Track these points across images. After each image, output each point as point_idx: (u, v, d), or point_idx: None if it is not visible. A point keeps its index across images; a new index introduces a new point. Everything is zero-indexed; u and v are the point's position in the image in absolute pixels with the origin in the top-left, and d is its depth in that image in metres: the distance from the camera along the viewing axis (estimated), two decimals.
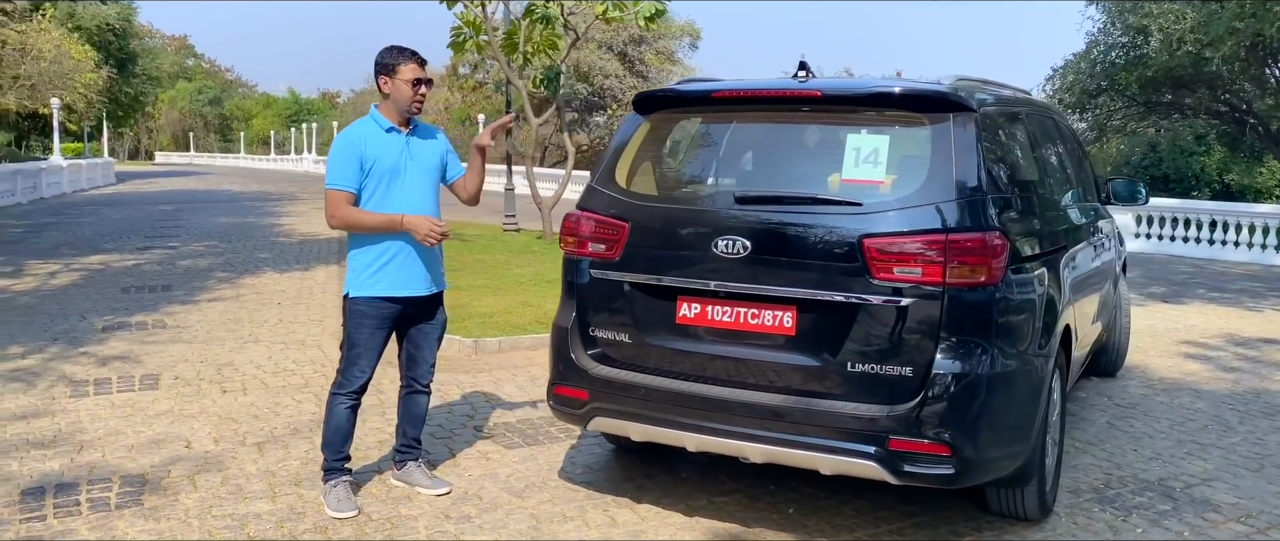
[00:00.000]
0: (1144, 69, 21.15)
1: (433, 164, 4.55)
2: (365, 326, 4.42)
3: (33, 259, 13.27)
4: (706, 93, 4.42)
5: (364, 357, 4.44)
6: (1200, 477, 5.12)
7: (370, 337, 4.43)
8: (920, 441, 3.71)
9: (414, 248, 4.43)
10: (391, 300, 4.44)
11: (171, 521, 4.35)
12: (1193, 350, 8.39)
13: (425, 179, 4.49)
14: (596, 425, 4.36)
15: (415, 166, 4.46)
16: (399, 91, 4.38)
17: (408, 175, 4.43)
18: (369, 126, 4.44)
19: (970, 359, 3.74)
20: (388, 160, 4.37)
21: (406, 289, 4.46)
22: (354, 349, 4.45)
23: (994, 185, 3.96)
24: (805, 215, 3.92)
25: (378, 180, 4.37)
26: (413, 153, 4.47)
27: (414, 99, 4.39)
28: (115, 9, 43.23)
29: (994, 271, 3.75)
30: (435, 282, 4.60)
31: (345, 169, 4.33)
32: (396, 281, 4.42)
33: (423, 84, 4.40)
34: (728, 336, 4.07)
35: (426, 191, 4.49)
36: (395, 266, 4.41)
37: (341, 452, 4.52)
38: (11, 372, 6.88)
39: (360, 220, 4.35)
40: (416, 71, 4.38)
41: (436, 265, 4.60)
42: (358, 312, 4.43)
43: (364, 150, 4.35)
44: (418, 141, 4.52)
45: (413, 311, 4.58)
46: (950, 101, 3.96)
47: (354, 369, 4.45)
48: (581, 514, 4.52)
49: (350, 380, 4.45)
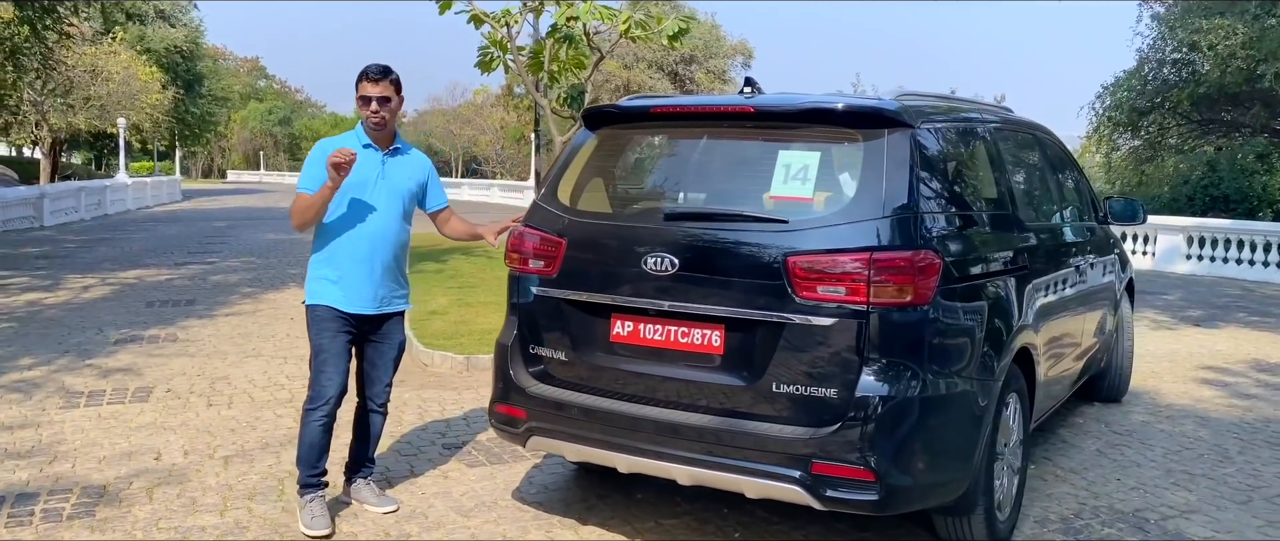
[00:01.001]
0: (1196, 86, 20.52)
1: (407, 187, 4.56)
2: (326, 330, 4.42)
3: (73, 273, 13.65)
4: (646, 109, 4.37)
5: (331, 364, 4.42)
6: (1180, 509, 4.90)
7: (333, 342, 4.42)
8: (843, 466, 3.59)
9: (365, 265, 4.44)
10: (341, 313, 4.45)
11: (117, 534, 4.39)
12: (1211, 376, 8.07)
13: (394, 199, 4.50)
14: (534, 445, 4.31)
15: (385, 186, 4.47)
16: (357, 108, 4.46)
17: (375, 193, 4.44)
18: (348, 140, 4.48)
19: (898, 381, 3.62)
20: (357, 174, 4.35)
21: (353, 305, 4.46)
22: (320, 355, 4.44)
23: (929, 203, 3.84)
24: (732, 233, 3.85)
25: (342, 192, 4.36)
26: (386, 173, 4.48)
27: (368, 116, 4.41)
28: (183, 32, 44.57)
29: (922, 291, 3.63)
30: (386, 303, 4.57)
31: (313, 173, 4.35)
32: (345, 296, 4.45)
33: (373, 102, 4.40)
34: (659, 355, 4.00)
35: (392, 211, 4.49)
36: (345, 283, 4.44)
37: (316, 468, 4.49)
38: (14, 383, 7.05)
39: (308, 204, 4.33)
40: (365, 88, 4.40)
41: (390, 285, 4.57)
42: (317, 318, 4.45)
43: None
44: (394, 163, 4.53)
45: (367, 328, 4.57)
46: (885, 118, 3.85)
47: (322, 377, 4.42)
48: (523, 534, 4.47)
49: (321, 390, 4.42)
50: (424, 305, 10.28)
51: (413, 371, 7.72)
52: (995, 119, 5.04)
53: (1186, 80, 21.24)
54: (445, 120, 68.24)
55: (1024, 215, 4.82)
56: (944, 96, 4.71)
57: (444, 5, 12.77)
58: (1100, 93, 24.01)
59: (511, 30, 13.71)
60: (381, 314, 4.59)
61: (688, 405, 3.92)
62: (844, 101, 3.98)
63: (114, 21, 38.07)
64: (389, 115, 4.46)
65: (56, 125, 36.66)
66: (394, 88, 4.46)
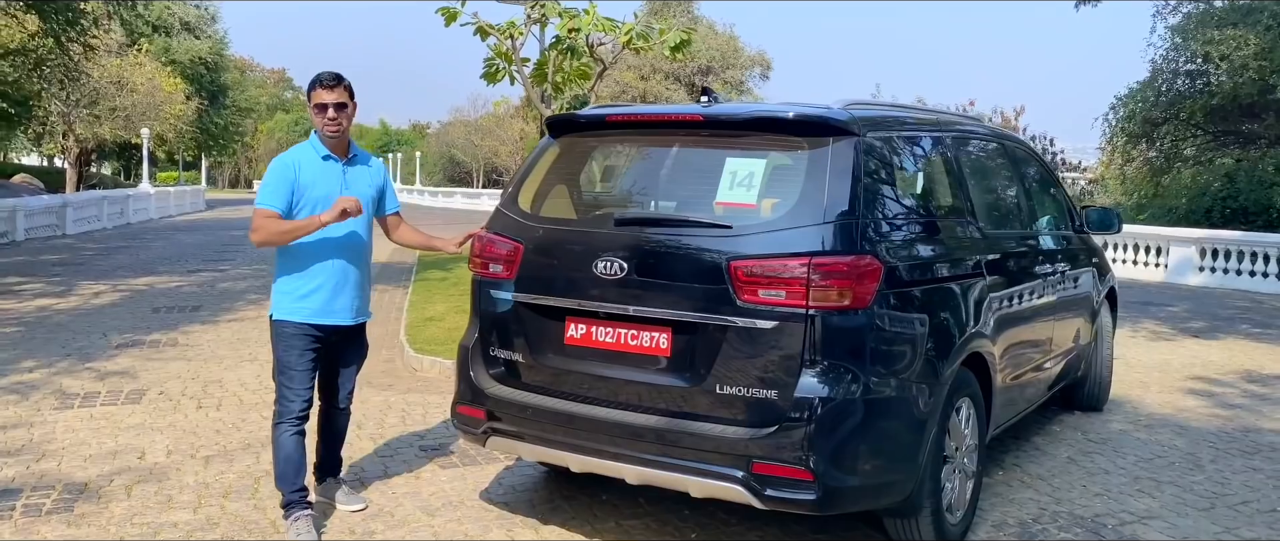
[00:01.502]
0: (1209, 97, 20.39)
1: (369, 195, 4.56)
2: (293, 348, 4.41)
3: (87, 280, 13.91)
4: (602, 117, 4.47)
5: (297, 379, 4.43)
6: (1139, 515, 4.93)
7: (299, 359, 4.42)
8: (782, 466, 3.67)
9: (337, 278, 4.45)
10: (314, 327, 4.44)
11: (92, 528, 4.53)
12: (1199, 386, 8.06)
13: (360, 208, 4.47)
14: (493, 444, 4.42)
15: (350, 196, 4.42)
16: (312, 118, 4.44)
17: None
18: (306, 152, 4.46)
19: (837, 384, 3.70)
20: (320, 188, 4.36)
21: (330, 317, 4.47)
22: (286, 372, 4.44)
23: (873, 209, 3.91)
24: (678, 237, 3.95)
25: (308, 208, 4.35)
26: (349, 182, 4.48)
27: (325, 124, 4.38)
28: (208, 43, 45.22)
29: (862, 295, 3.71)
30: (360, 313, 4.61)
31: (275, 189, 4.32)
32: (320, 309, 4.43)
33: (329, 109, 4.36)
34: (611, 357, 4.09)
35: (360, 223, 4.49)
36: (321, 295, 4.42)
37: (297, 484, 4.46)
38: (13, 385, 7.24)
39: (280, 229, 4.29)
40: (320, 95, 4.36)
41: (364, 295, 4.62)
42: (284, 335, 4.43)
43: (297, 176, 4.35)
44: (355, 172, 4.53)
45: (337, 340, 4.59)
46: (831, 126, 3.94)
47: (289, 393, 4.43)
48: (483, 532, 4.57)
49: (288, 406, 4.42)
50: (422, 311, 10.43)
51: (402, 375, 7.85)
52: (957, 129, 5.10)
53: (1200, 91, 21.12)
54: (467, 131, 68.80)
55: (983, 223, 4.87)
56: (900, 105, 4.80)
57: (449, 18, 12.96)
58: (1114, 103, 23.94)
59: (516, 42, 13.90)
60: (356, 324, 4.63)
61: (637, 406, 4.02)
62: (794, 110, 4.07)
63: (139, 33, 38.66)
64: (346, 122, 4.43)
65: (83, 135, 37.29)
66: (348, 94, 4.43)
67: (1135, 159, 25.20)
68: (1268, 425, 6.82)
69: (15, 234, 20.96)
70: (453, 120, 74.44)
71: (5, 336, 9.23)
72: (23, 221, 21.49)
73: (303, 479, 4.48)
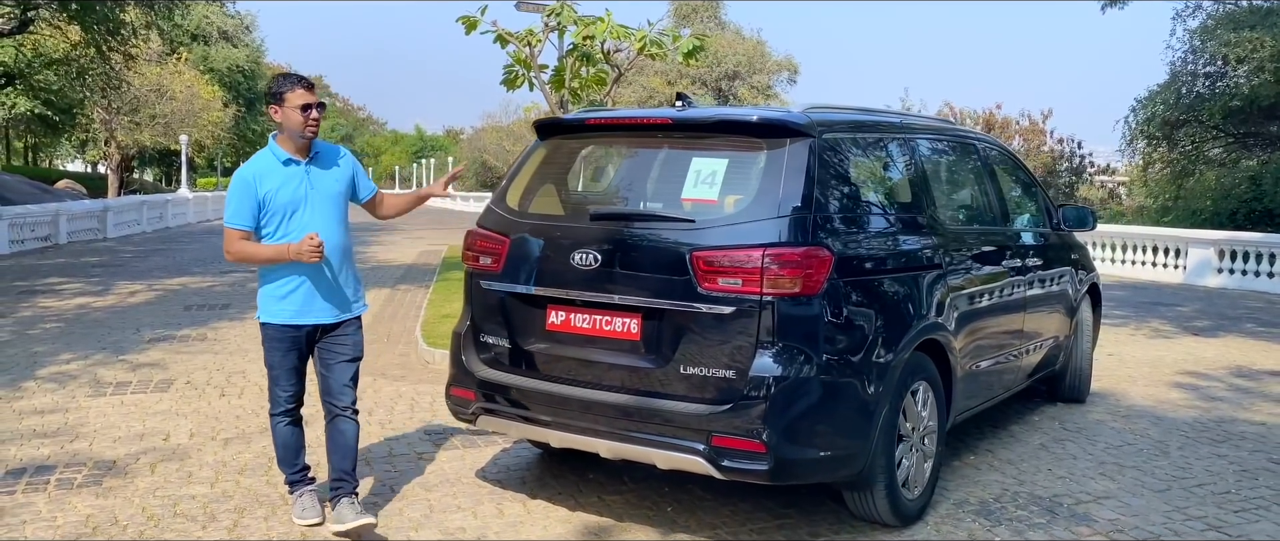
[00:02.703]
0: (1228, 99, 20.43)
1: (337, 190, 4.55)
2: (276, 349, 4.55)
3: (124, 280, 14.49)
4: (582, 120, 4.84)
5: (283, 378, 4.59)
6: (1096, 496, 5.20)
7: (283, 359, 4.55)
8: (738, 438, 4.01)
9: (315, 276, 4.47)
10: (294, 327, 4.52)
11: (118, 499, 4.95)
12: (1186, 380, 8.27)
13: (329, 206, 4.49)
14: (482, 423, 4.79)
15: (317, 196, 4.45)
16: (289, 118, 4.37)
17: (310, 207, 4.43)
18: (266, 161, 4.44)
19: (789, 364, 4.02)
20: (286, 194, 4.38)
21: (308, 317, 4.51)
22: (272, 371, 4.60)
23: (826, 204, 4.24)
24: (647, 231, 4.29)
25: (277, 215, 4.39)
26: (314, 182, 4.46)
27: (306, 124, 4.37)
28: (245, 51, 46.19)
29: (812, 283, 4.03)
30: (342, 309, 4.60)
31: (239, 208, 4.38)
32: (299, 310, 4.49)
33: (313, 109, 4.37)
34: (587, 341, 4.44)
35: (331, 219, 4.48)
36: (299, 295, 4.47)
37: (296, 465, 4.68)
38: (53, 374, 7.73)
39: (252, 253, 4.42)
40: (305, 97, 4.36)
41: (347, 291, 4.60)
42: (268, 337, 4.57)
43: (258, 187, 4.36)
44: (319, 170, 4.50)
45: (321, 336, 4.60)
46: (788, 128, 4.28)
47: (276, 389, 4.62)
48: (474, 505, 4.93)
49: (277, 400, 4.63)
50: (440, 309, 10.84)
51: (414, 368, 8.26)
52: (921, 131, 5.41)
53: (1219, 93, 21.15)
54: (499, 136, 69.43)
55: (943, 218, 5.18)
56: (863, 109, 5.10)
57: (469, 26, 13.39)
58: (1134, 106, 23.98)
59: (534, 49, 14.32)
60: (339, 321, 4.61)
61: (610, 386, 4.37)
62: (757, 114, 4.42)
63: (178, 42, 39.64)
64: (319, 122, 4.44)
65: (124, 142, 38.32)
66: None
67: (1156, 161, 25.23)
68: (1244, 416, 7.04)
69: (58, 237, 21.69)
70: (485, 125, 75.25)
71: (47, 331, 9.76)
72: (65, 225, 22.22)
73: (301, 458, 4.70)
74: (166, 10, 24.25)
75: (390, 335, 9.97)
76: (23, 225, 20.31)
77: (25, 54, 27.65)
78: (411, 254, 20.60)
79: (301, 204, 4.42)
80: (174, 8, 24.79)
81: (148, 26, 25.29)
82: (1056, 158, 35.27)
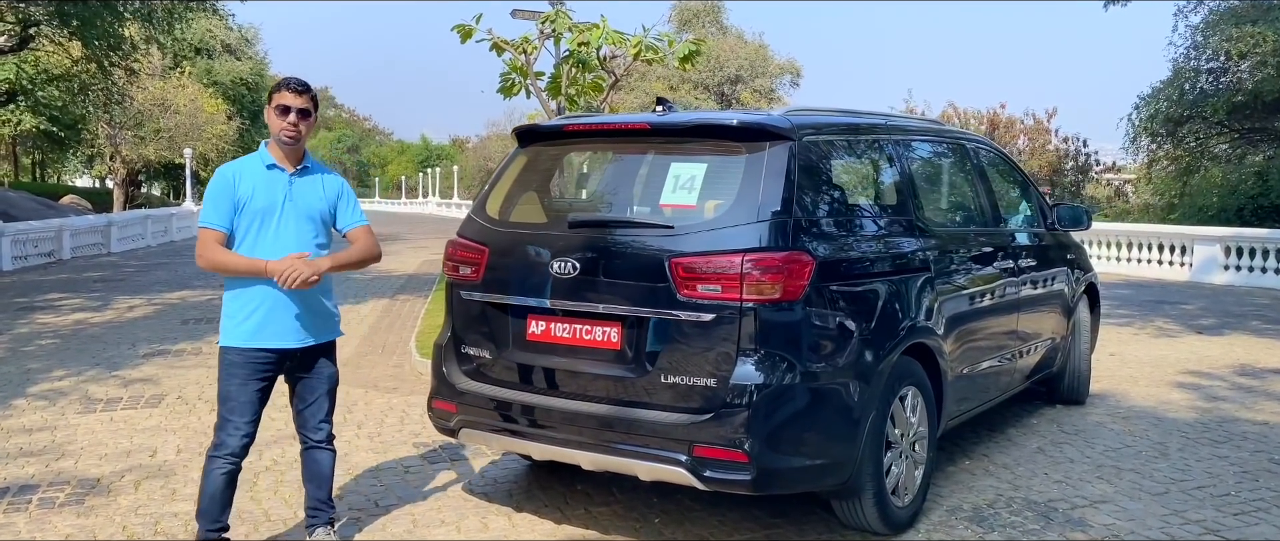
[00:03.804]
0: (1232, 95, 20.29)
1: (317, 208, 4.23)
2: (236, 376, 4.12)
3: (125, 295, 14.47)
4: (561, 127, 4.77)
5: (238, 412, 4.12)
6: (1092, 500, 5.11)
7: (241, 389, 4.12)
8: (720, 448, 3.93)
9: (287, 296, 4.12)
10: (259, 351, 4.13)
11: (100, 518, 4.89)
12: (1189, 380, 8.16)
13: (304, 223, 4.17)
14: (464, 436, 4.72)
15: (293, 209, 4.15)
16: (270, 119, 4.13)
17: (284, 217, 4.13)
18: (250, 162, 4.20)
19: (771, 371, 3.94)
20: (261, 199, 4.10)
21: (278, 340, 4.14)
22: (226, 403, 4.14)
23: (806, 208, 4.16)
24: (625, 238, 4.22)
25: (249, 220, 4.10)
26: (294, 194, 4.17)
27: (283, 128, 4.08)
28: (249, 64, 46.32)
29: (792, 288, 3.96)
30: (315, 334, 4.25)
31: (215, 207, 4.09)
32: (268, 332, 4.12)
33: (292, 113, 4.08)
34: (567, 351, 4.37)
35: (306, 237, 4.16)
36: (267, 315, 4.11)
37: (218, 523, 4.19)
38: (44, 392, 7.68)
39: (225, 262, 4.08)
40: (286, 98, 4.08)
41: (318, 315, 4.26)
42: (228, 362, 4.14)
43: (237, 187, 4.09)
44: (303, 183, 4.21)
45: (293, 364, 4.28)
46: (768, 131, 4.20)
47: (228, 426, 4.13)
48: (459, 519, 4.86)
49: (226, 440, 4.13)
50: (435, 319, 10.74)
51: (407, 379, 8.20)
52: (907, 132, 5.32)
53: (1223, 89, 21.01)
54: (504, 145, 69.63)
55: (930, 220, 5.09)
56: (846, 110, 5.02)
57: (465, 35, 13.35)
58: (1137, 103, 23.86)
59: (530, 56, 14.28)
60: (308, 347, 4.26)
61: (591, 396, 4.29)
62: (736, 117, 4.35)
63: (182, 56, 39.78)
64: (305, 130, 4.14)
65: (129, 157, 38.43)
66: (313, 103, 4.17)
67: (1161, 158, 25.09)
68: (1247, 416, 6.93)
69: (62, 252, 21.71)
70: (490, 134, 75.44)
71: (42, 348, 9.73)
72: (69, 240, 22.24)
73: (226, 517, 4.23)
74: (166, 24, 24.29)
75: (385, 346, 9.91)
76: (26, 241, 20.33)
77: (27, 70, 27.75)
78: (413, 263, 20.57)
79: (276, 213, 4.12)
80: (174, 22, 24.81)
81: (148, 41, 25.34)
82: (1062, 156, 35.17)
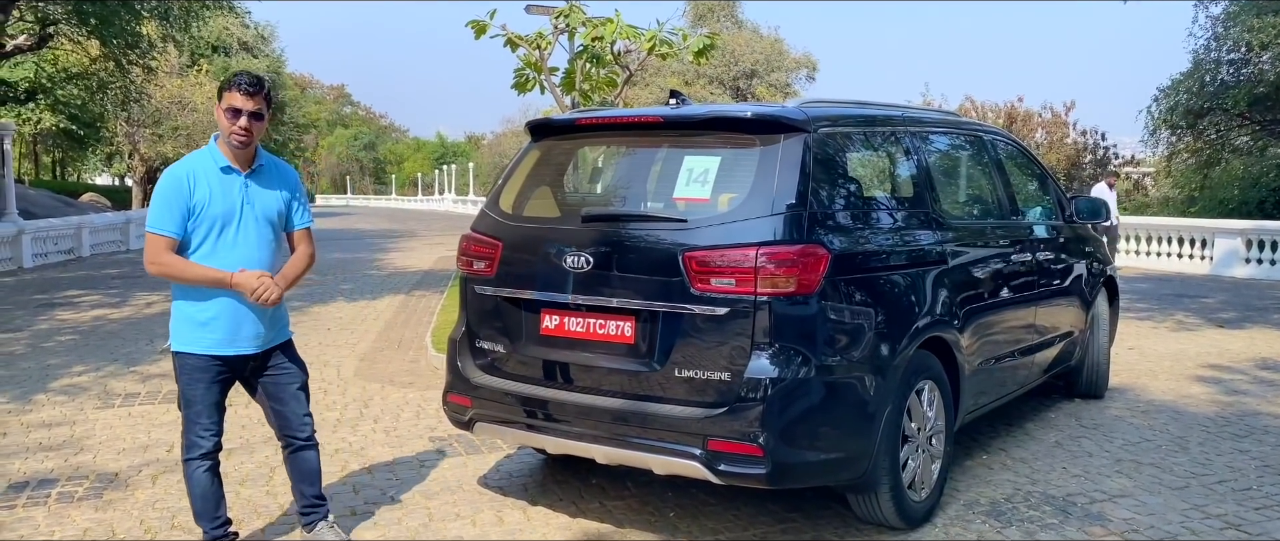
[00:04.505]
0: (1253, 87, 20.10)
1: (274, 209, 4.08)
2: (198, 381, 4.03)
3: (142, 291, 14.59)
4: (573, 121, 4.75)
5: (205, 415, 4.07)
6: (1111, 494, 5.06)
7: (206, 393, 4.04)
8: (735, 442, 3.91)
9: (240, 307, 4.00)
10: (219, 358, 4.03)
11: (118, 512, 4.92)
12: (1209, 374, 8.09)
13: (264, 228, 4.04)
14: (479, 430, 4.72)
15: (251, 213, 4.00)
16: (220, 120, 3.93)
17: (243, 223, 3.98)
18: (202, 162, 3.97)
19: (786, 365, 3.92)
20: (219, 205, 3.92)
21: (232, 347, 4.03)
22: (191, 407, 4.07)
23: (821, 200, 4.13)
24: (638, 232, 4.20)
25: (207, 228, 3.92)
26: (251, 197, 4.00)
27: (232, 130, 3.88)
28: (266, 62, 46.50)
29: (807, 282, 3.93)
30: (270, 338, 4.16)
31: (167, 212, 3.87)
32: (221, 339, 4.01)
33: (243, 116, 3.87)
34: (582, 345, 4.36)
35: (265, 242, 4.04)
36: (220, 323, 3.99)
37: (217, 518, 4.19)
38: (63, 387, 7.74)
39: (182, 272, 3.91)
40: (237, 100, 3.87)
41: (275, 319, 4.17)
42: (186, 367, 4.04)
43: (192, 192, 3.88)
44: (257, 185, 4.03)
45: (254, 366, 4.18)
46: (782, 124, 4.18)
47: (196, 429, 4.08)
48: (474, 513, 4.86)
49: (195, 444, 4.08)
50: (452, 314, 10.76)
51: (423, 374, 8.21)
52: (923, 125, 5.28)
53: (1243, 81, 20.82)
54: (519, 141, 69.71)
55: (947, 213, 5.05)
56: (862, 103, 4.98)
57: (479, 31, 13.36)
58: (1156, 95, 23.67)
59: (544, 52, 14.28)
60: (266, 350, 4.18)
61: (605, 390, 4.28)
62: (751, 110, 4.32)
63: (199, 54, 39.96)
64: (257, 133, 3.96)
65: (148, 154, 38.63)
66: (266, 103, 3.98)
67: (1181, 151, 24.88)
68: (1269, 410, 6.86)
69: (81, 250, 21.88)
70: (505, 131, 75.48)
71: (62, 344, 9.80)
72: (88, 238, 22.41)
73: (222, 510, 4.22)
74: (183, 22, 24.41)
75: (401, 341, 9.93)
76: (46, 239, 20.50)
77: (46, 69, 27.94)
78: (428, 260, 20.62)
79: (235, 219, 3.96)
80: (191, 20, 24.93)
81: (165, 39, 25.48)
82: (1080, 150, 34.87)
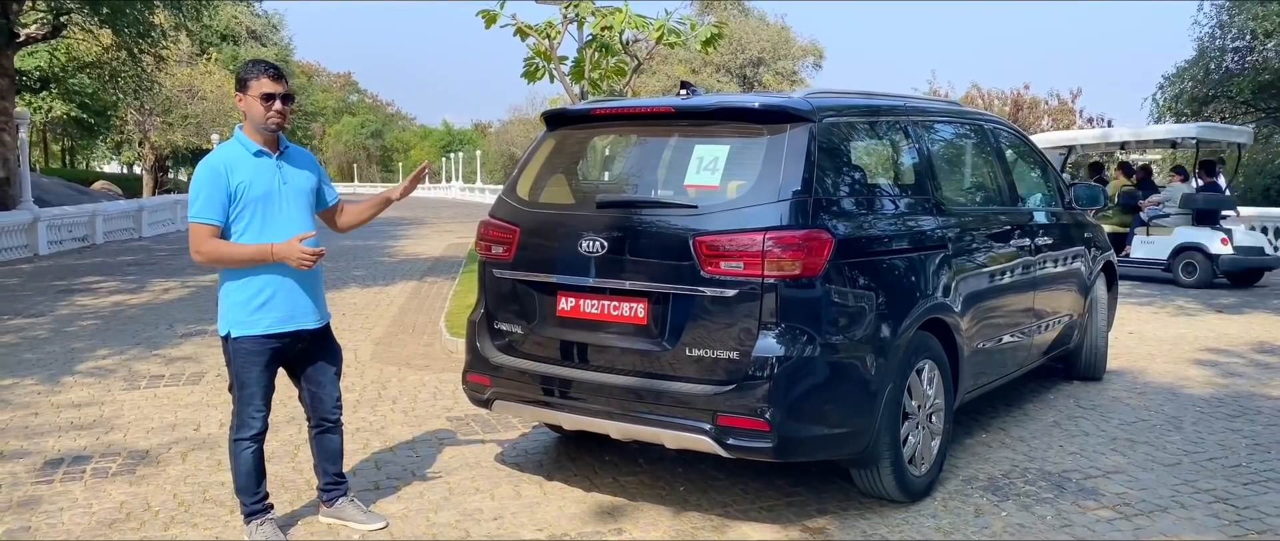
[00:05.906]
0: (1258, 74, 20.18)
1: (307, 187, 4.30)
2: (253, 365, 4.18)
3: (159, 277, 14.81)
4: (588, 111, 4.95)
5: (258, 397, 4.24)
6: (1105, 470, 5.26)
7: (260, 376, 4.21)
8: (743, 417, 4.11)
9: (294, 277, 4.19)
10: (277, 337, 4.21)
11: (151, 486, 5.14)
12: (1206, 357, 8.27)
13: (301, 203, 4.24)
14: (498, 408, 4.92)
15: (289, 191, 4.20)
16: (252, 108, 4.10)
17: (282, 201, 4.16)
18: (235, 150, 4.14)
19: (791, 344, 4.11)
20: (259, 186, 4.10)
21: (293, 323, 4.23)
22: (245, 390, 4.22)
23: (826, 187, 4.32)
24: (650, 217, 4.40)
25: (250, 209, 4.09)
26: (285, 177, 4.20)
27: (269, 115, 4.09)
28: (274, 50, 46.75)
29: (812, 265, 4.12)
30: (323, 311, 4.40)
31: (211, 200, 4.02)
32: (281, 316, 4.19)
33: (277, 99, 4.10)
34: (596, 326, 4.56)
35: (303, 217, 4.24)
36: (279, 301, 4.17)
37: (257, 494, 4.35)
38: (90, 369, 7.97)
39: (228, 253, 4.06)
40: (269, 86, 4.08)
41: (320, 293, 4.39)
42: (243, 352, 4.18)
43: (231, 178, 4.04)
44: (290, 166, 4.25)
45: (303, 347, 4.37)
46: (788, 113, 4.36)
47: (249, 410, 4.24)
48: (493, 487, 5.07)
49: (247, 425, 4.25)
50: (464, 300, 10.99)
51: (438, 357, 8.43)
52: (925, 113, 5.46)
53: (1248, 68, 20.90)
54: (526, 130, 69.97)
55: (948, 199, 5.24)
56: (865, 93, 5.16)
57: (489, 20, 13.54)
58: (1161, 83, 23.75)
59: (553, 41, 14.46)
60: (322, 326, 4.41)
61: (619, 369, 4.48)
62: (758, 100, 4.51)
63: (208, 43, 40.20)
64: (288, 117, 4.19)
65: (158, 143, 38.95)
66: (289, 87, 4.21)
67: None
68: (1263, 391, 7.04)
69: (95, 237, 22.12)
70: (512, 119, 75.71)
71: (84, 328, 10.04)
72: (102, 225, 22.65)
73: (263, 487, 4.39)
74: (195, 11, 24.61)
75: (416, 326, 10.15)
76: (61, 226, 20.74)
77: (59, 58, 28.18)
78: (439, 246, 20.84)
79: (275, 197, 4.15)
80: (202, 9, 25.13)
81: (176, 28, 25.70)
82: None
